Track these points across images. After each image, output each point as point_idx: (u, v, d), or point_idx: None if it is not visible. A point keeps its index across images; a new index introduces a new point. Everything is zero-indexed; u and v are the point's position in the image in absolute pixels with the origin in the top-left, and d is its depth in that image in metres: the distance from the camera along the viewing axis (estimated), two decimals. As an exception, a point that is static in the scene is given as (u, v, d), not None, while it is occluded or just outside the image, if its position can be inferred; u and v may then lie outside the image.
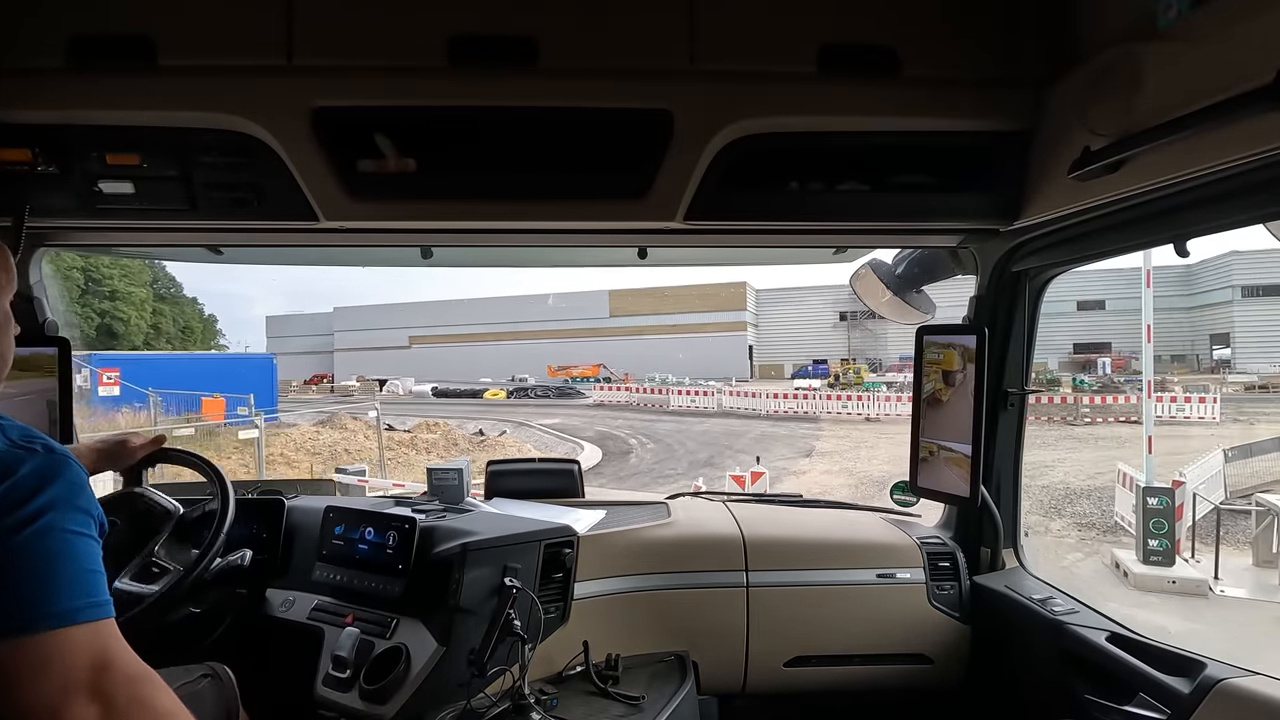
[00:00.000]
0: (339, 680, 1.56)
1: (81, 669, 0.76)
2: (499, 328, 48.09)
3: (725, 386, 25.74)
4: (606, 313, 47.36)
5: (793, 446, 15.28)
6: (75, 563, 0.79)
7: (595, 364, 40.59)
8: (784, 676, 1.97)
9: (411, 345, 50.58)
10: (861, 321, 44.89)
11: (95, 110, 1.35)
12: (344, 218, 1.46)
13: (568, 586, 1.82)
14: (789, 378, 39.57)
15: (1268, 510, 6.49)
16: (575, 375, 38.95)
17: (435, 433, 16.52)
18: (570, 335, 46.25)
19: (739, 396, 23.46)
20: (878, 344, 44.83)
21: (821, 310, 47.45)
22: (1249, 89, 0.93)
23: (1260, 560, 6.59)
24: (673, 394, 25.25)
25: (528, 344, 46.47)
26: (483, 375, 39.00)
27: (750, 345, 46.41)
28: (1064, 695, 1.61)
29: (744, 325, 45.82)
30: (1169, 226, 1.27)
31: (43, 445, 0.83)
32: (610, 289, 47.82)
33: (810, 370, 39.80)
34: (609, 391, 28.09)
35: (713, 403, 23.39)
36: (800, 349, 46.52)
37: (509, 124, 1.42)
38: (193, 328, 46.48)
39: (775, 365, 45.88)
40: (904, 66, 1.38)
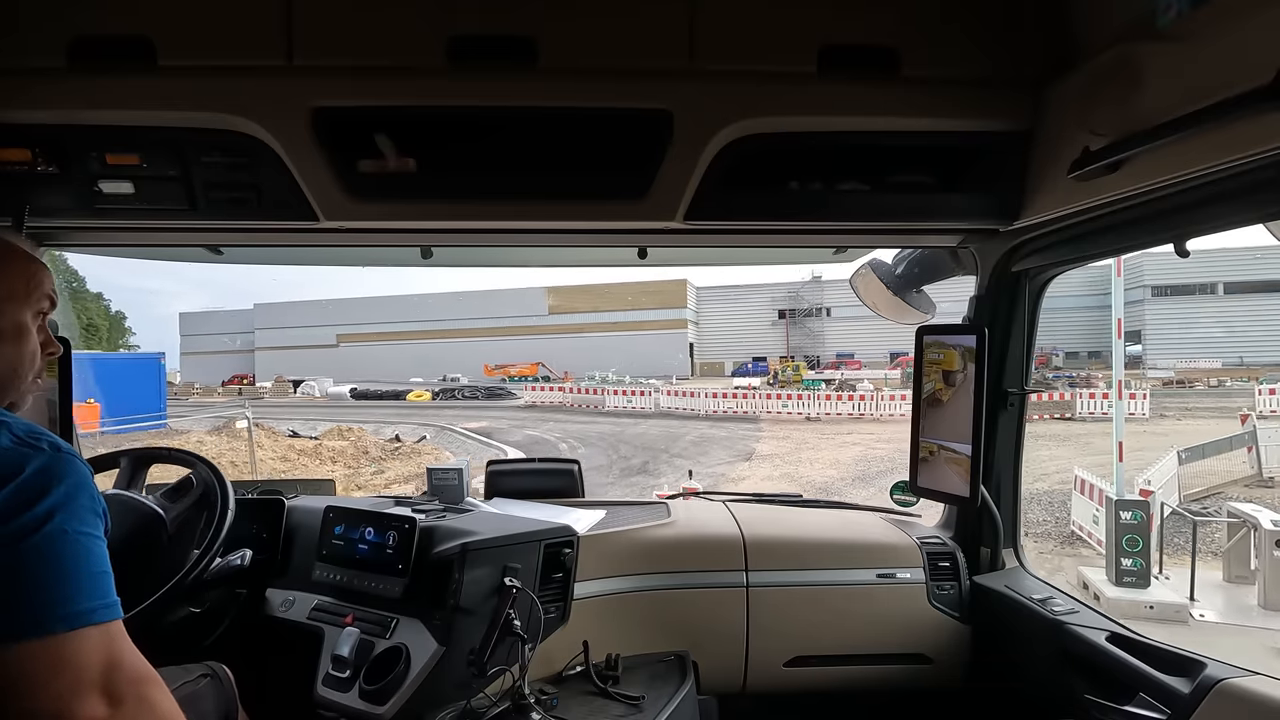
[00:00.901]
0: (339, 680, 1.56)
1: (93, 669, 0.76)
2: (433, 326, 46.95)
3: (663, 386, 24.79)
4: (545, 310, 46.36)
5: (731, 449, 14.60)
6: (86, 564, 0.80)
7: (534, 362, 39.86)
8: (784, 676, 1.97)
9: (340, 344, 48.83)
10: (800, 320, 45.45)
11: (95, 110, 1.35)
12: (344, 218, 1.46)
13: (568, 586, 1.82)
14: (729, 375, 39.26)
15: (1242, 522, 5.77)
16: (513, 374, 37.90)
17: (346, 440, 15.13)
18: (508, 333, 45.34)
19: (677, 396, 22.59)
20: (816, 341, 45.23)
21: (761, 308, 47.39)
22: (1249, 89, 0.93)
23: (1232, 575, 5.91)
24: (608, 394, 23.94)
25: (464, 343, 45.56)
26: (414, 375, 37.80)
27: (691, 343, 46.03)
28: (1064, 695, 1.61)
29: (685, 323, 45.45)
30: (1169, 226, 1.27)
31: (49, 443, 0.83)
32: (548, 286, 46.46)
33: (750, 368, 39.73)
34: (542, 392, 26.84)
35: (650, 403, 22.34)
36: (740, 347, 46.32)
37: (509, 124, 1.42)
38: (98, 326, 41.90)
39: (716, 363, 45.69)
40: (904, 66, 1.38)
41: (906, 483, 2.00)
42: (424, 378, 36.85)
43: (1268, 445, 9.49)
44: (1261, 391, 17.08)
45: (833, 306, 45.59)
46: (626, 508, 2.24)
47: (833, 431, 16.81)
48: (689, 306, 46.04)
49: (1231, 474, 9.44)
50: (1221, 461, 9.61)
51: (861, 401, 19.74)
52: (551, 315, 46.06)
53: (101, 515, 0.85)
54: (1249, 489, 9.10)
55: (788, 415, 19.73)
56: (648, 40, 1.37)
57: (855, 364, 37.48)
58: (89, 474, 0.85)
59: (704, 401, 21.25)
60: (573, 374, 36.00)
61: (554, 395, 26.07)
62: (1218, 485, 9.11)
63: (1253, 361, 31.55)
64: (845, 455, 13.27)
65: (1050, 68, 1.35)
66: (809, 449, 14.36)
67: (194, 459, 1.79)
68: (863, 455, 13.18)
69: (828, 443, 15.06)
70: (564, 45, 1.35)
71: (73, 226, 1.62)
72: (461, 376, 37.24)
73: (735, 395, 21.06)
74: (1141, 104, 1.12)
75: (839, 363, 38.66)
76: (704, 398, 21.38)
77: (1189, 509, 7.21)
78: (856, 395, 20.37)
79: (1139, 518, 5.58)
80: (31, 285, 0.97)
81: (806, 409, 19.90)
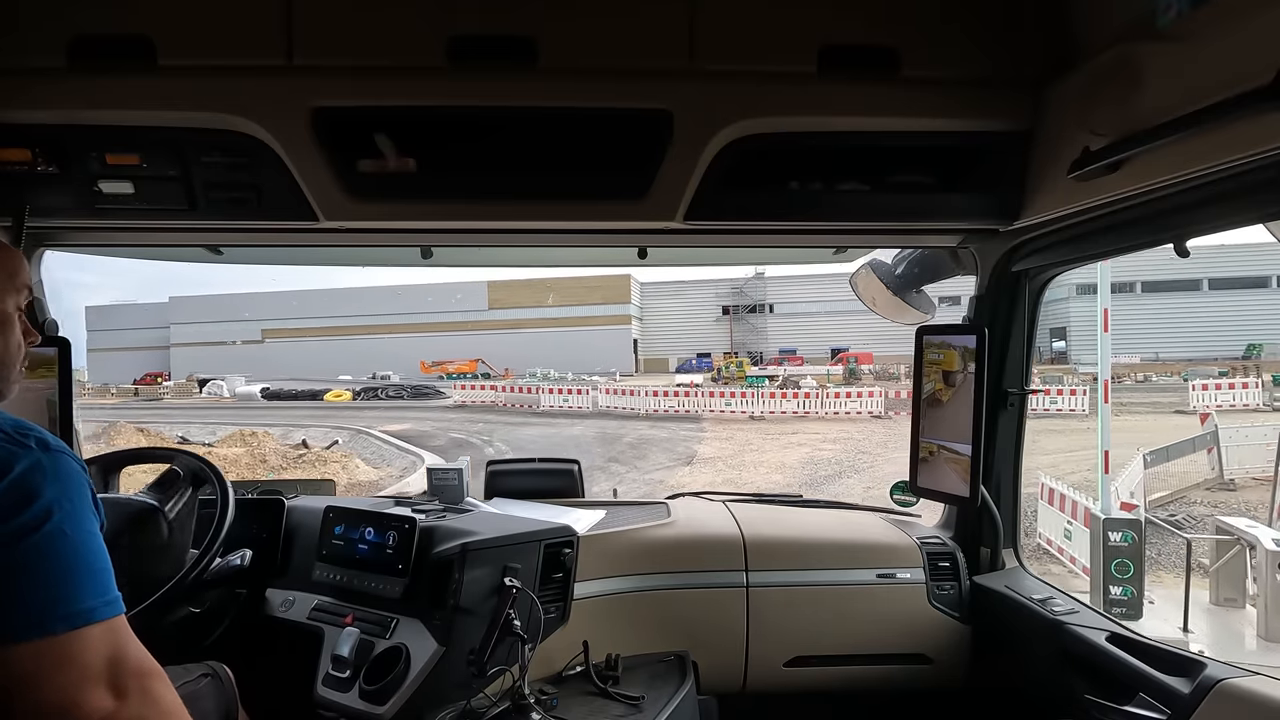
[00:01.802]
0: (339, 680, 1.56)
1: (97, 665, 0.77)
2: (368, 321, 44.65)
3: (602, 384, 23.64)
4: (485, 305, 44.68)
5: (672, 452, 13.88)
6: (86, 562, 0.80)
7: (473, 359, 38.57)
8: (784, 676, 1.97)
9: (265, 339, 46.29)
10: (743, 315, 45.27)
11: (95, 110, 1.35)
12: (344, 218, 1.46)
13: (568, 586, 1.82)
14: (674, 371, 38.99)
15: (1235, 539, 5.08)
16: (451, 371, 36.40)
17: (246, 445, 13.92)
18: (447, 329, 43.66)
19: (616, 395, 21.31)
20: (759, 337, 45.03)
21: (705, 304, 46.94)
22: (1249, 89, 0.93)
23: (1221, 598, 5.17)
24: (543, 393, 22.49)
25: (400, 339, 43.29)
26: (343, 373, 36.24)
27: (635, 339, 45.12)
28: (1064, 695, 1.61)
29: (629, 318, 44.47)
30: (1169, 226, 1.27)
31: (37, 440, 0.82)
32: (489, 280, 44.22)
33: (694, 364, 39.61)
34: (472, 391, 24.97)
35: (588, 402, 21.07)
36: (685, 342, 45.93)
37: (509, 124, 1.42)
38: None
39: (660, 359, 44.98)
40: (904, 67, 1.38)
41: (906, 483, 2.00)
42: (353, 375, 35.11)
43: (1229, 446, 9.14)
44: (1194, 387, 16.81)
45: (775, 303, 45.49)
46: (626, 508, 2.24)
47: (777, 431, 16.29)
48: (633, 302, 45.11)
49: (1191, 476, 9.09)
50: (1181, 463, 9.23)
51: (806, 399, 19.26)
52: (492, 310, 44.57)
53: (97, 510, 0.85)
54: (1211, 492, 8.84)
55: (731, 414, 19.13)
56: (648, 40, 1.37)
57: (798, 360, 37.37)
58: (81, 469, 0.85)
59: (644, 400, 20.27)
60: (514, 371, 35.14)
61: (486, 394, 24.45)
62: (1181, 490, 8.80)
63: (1167, 357, 32.50)
64: (791, 457, 12.85)
65: (1050, 68, 1.35)
66: (753, 450, 13.79)
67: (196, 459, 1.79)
68: (809, 457, 12.77)
69: (772, 444, 14.46)
70: (564, 45, 1.35)
71: (73, 226, 1.62)
72: (393, 374, 35.69)
73: (677, 393, 20.30)
74: (1141, 104, 1.12)
75: (782, 358, 38.43)
76: (644, 396, 20.40)
77: (1158, 517, 6.99)
78: (801, 393, 19.87)
79: (1130, 540, 4.98)
80: (10, 275, 0.97)
81: (750, 408, 19.29)
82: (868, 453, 13.14)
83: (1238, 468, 9.06)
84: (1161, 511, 7.66)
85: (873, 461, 12.25)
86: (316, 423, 19.23)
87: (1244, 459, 9.14)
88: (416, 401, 26.49)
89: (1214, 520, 5.92)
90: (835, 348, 38.68)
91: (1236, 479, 9.01)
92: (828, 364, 33.62)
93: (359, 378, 34.17)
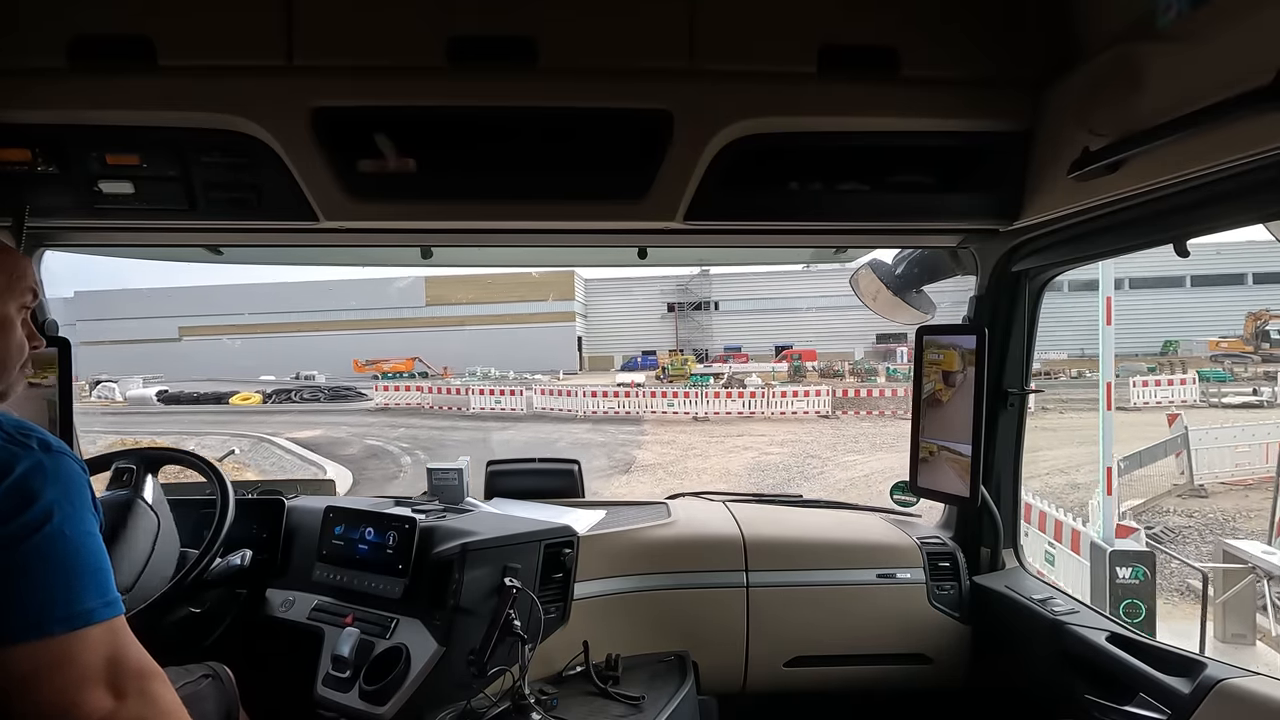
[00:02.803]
0: (339, 680, 1.56)
1: (96, 666, 0.77)
2: (297, 318, 41.03)
3: (537, 385, 21.80)
4: (423, 301, 41.55)
5: (610, 458, 13.09)
6: (86, 563, 0.80)
7: (410, 357, 36.31)
8: (784, 676, 1.97)
9: (182, 337, 42.87)
10: (688, 313, 44.60)
11: (95, 110, 1.35)
12: (344, 218, 1.46)
13: (568, 586, 1.82)
14: (619, 369, 37.86)
15: (1250, 567, 4.55)
16: (386, 370, 34.29)
17: None
18: (383, 326, 41.24)
19: (552, 395, 19.93)
20: (704, 335, 44.33)
21: (650, 301, 45.89)
22: (1249, 89, 0.93)
23: (1229, 635, 4.59)
24: (474, 394, 20.64)
25: (332, 336, 40.10)
26: (266, 373, 33.77)
27: (580, 336, 43.42)
28: (1064, 695, 1.61)
29: (573, 315, 42.85)
30: (1169, 226, 1.27)
31: (38, 441, 0.82)
32: (427, 275, 41.05)
33: (639, 362, 38.75)
34: (396, 392, 22.72)
35: (522, 403, 19.61)
36: (630, 340, 44.58)
37: (509, 124, 1.42)
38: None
39: (605, 357, 43.28)
40: (904, 67, 1.38)
41: (906, 483, 2.00)
42: (277, 376, 32.51)
43: (1199, 449, 8.67)
44: (1135, 384, 16.61)
45: (720, 300, 44.79)
46: (626, 508, 2.24)
47: (722, 434, 15.47)
48: (577, 298, 43.50)
49: (1158, 482, 8.65)
50: (1165, 466, 8.87)
51: (752, 399, 18.37)
52: (430, 307, 41.55)
53: (96, 511, 0.85)
54: (1183, 499, 8.42)
55: (674, 415, 18.22)
56: (647, 40, 1.37)
57: (742, 357, 36.96)
58: (81, 470, 0.85)
59: (582, 401, 19.00)
60: (453, 370, 33.76)
61: (411, 396, 22.20)
62: (1154, 498, 8.35)
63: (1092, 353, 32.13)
64: (737, 463, 12.20)
65: (1050, 68, 1.35)
66: (696, 456, 13.04)
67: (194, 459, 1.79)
68: (755, 463, 12.09)
69: (717, 448, 13.73)
70: (564, 45, 1.35)
71: (73, 226, 1.62)
72: (318, 374, 32.76)
73: (616, 394, 19.09)
74: (1141, 104, 1.12)
75: (727, 355, 37.89)
76: (582, 397, 19.11)
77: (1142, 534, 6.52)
78: (746, 393, 18.91)
79: (1143, 576, 4.25)
80: (14, 278, 0.97)
81: (694, 408, 18.41)
82: (817, 456, 12.62)
83: (1206, 472, 8.61)
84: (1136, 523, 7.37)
85: (823, 466, 11.71)
86: (217, 430, 17.32)
87: (1213, 463, 8.71)
88: (334, 404, 24.00)
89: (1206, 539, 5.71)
90: (780, 345, 38.35)
91: (1206, 484, 8.58)
92: (772, 361, 33.35)
93: (282, 378, 31.59)
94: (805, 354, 33.01)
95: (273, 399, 25.39)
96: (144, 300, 43.52)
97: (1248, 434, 8.98)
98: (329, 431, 16.83)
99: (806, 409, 18.17)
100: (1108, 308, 5.40)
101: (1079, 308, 38.47)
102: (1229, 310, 29.69)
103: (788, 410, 18.02)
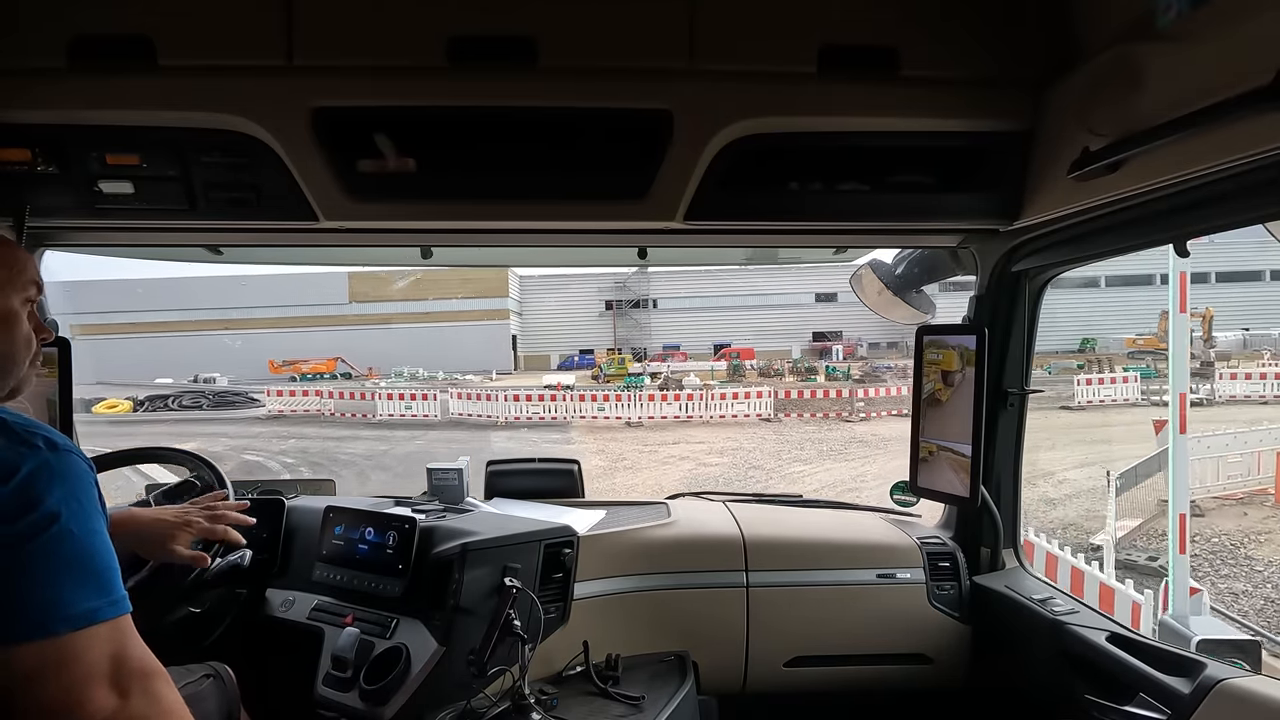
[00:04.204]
0: (339, 680, 1.56)
1: (101, 664, 0.77)
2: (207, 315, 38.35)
3: (454, 389, 19.76)
4: (345, 298, 39.63)
5: None
6: (91, 562, 0.80)
7: (332, 358, 34.53)
8: (784, 676, 1.97)
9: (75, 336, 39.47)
10: (626, 310, 43.91)
11: (95, 110, 1.35)
12: (344, 218, 1.46)
13: (568, 586, 1.82)
14: (556, 369, 37.05)
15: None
16: (305, 371, 32.38)
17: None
18: (304, 324, 38.42)
19: (470, 400, 18.14)
20: (642, 333, 43.67)
21: (587, 298, 44.86)
22: (1249, 89, 0.93)
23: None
24: (380, 399, 18.68)
25: (246, 334, 37.36)
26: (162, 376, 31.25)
27: (514, 335, 42.19)
28: (1064, 695, 1.61)
29: (507, 313, 41.53)
30: (1169, 226, 1.27)
31: (44, 440, 0.82)
32: (350, 270, 37.74)
33: (577, 361, 38.18)
34: (292, 398, 20.47)
35: (436, 408, 17.93)
36: (567, 339, 43.61)
37: (509, 124, 1.42)
38: None
39: (541, 356, 42.11)
40: (904, 66, 1.38)
41: (906, 483, 2.00)
42: (175, 379, 30.05)
43: (1192, 459, 6.91)
44: (1079, 381, 16.21)
45: (659, 297, 44.18)
46: (626, 508, 2.24)
47: (656, 441, 14.13)
48: (511, 296, 42.17)
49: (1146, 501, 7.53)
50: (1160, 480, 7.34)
51: (689, 402, 17.20)
52: (354, 304, 39.72)
53: (103, 509, 0.85)
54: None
55: (605, 420, 16.72)
56: (647, 40, 1.37)
57: (681, 355, 36.56)
58: (88, 468, 0.85)
59: (503, 406, 17.31)
60: (379, 370, 32.66)
61: (309, 401, 20.08)
62: (1149, 519, 7.27)
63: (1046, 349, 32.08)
64: (670, 477, 10.79)
65: (1050, 68, 1.35)
66: (625, 469, 11.55)
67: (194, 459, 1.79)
68: (692, 475, 10.90)
69: (650, 458, 12.26)
70: (564, 45, 1.35)
71: (73, 226, 1.62)
72: (220, 376, 30.32)
73: (541, 397, 17.45)
74: (1141, 104, 1.12)
75: (665, 354, 37.30)
76: (503, 401, 17.42)
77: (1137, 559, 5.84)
78: (683, 394, 17.71)
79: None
80: (15, 271, 0.97)
81: (627, 412, 16.91)
82: (760, 467, 11.50)
83: (1198, 485, 7.33)
84: (1138, 551, 6.37)
85: (767, 478, 10.71)
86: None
87: (1204, 475, 7.55)
88: (220, 412, 21.46)
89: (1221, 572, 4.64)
90: (718, 343, 38.21)
91: (1198, 500, 7.38)
92: (711, 359, 33.10)
93: (180, 381, 29.28)
94: (743, 352, 32.87)
95: (146, 406, 23.19)
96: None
97: (1239, 441, 7.92)
98: (205, 444, 14.06)
99: (747, 412, 17.05)
100: (1181, 289, 4.02)
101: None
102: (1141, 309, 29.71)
103: (728, 414, 16.97)
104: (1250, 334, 27.62)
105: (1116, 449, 10.57)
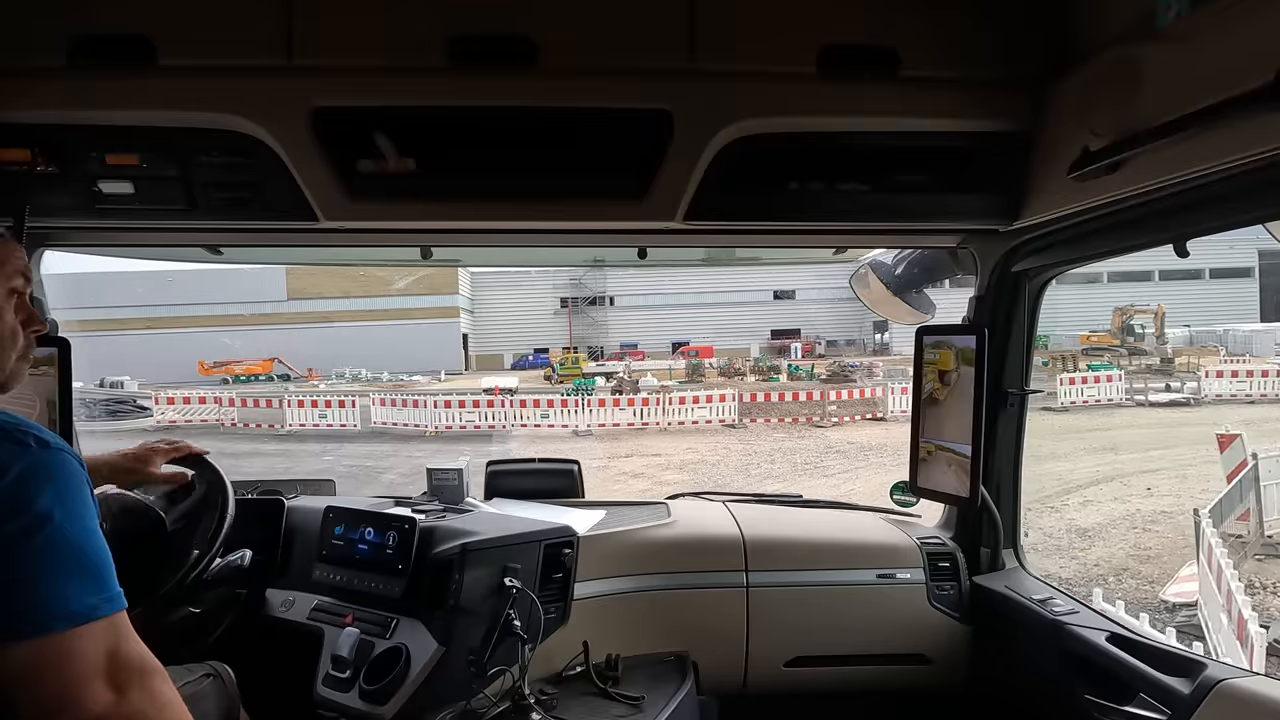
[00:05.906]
0: (339, 680, 1.56)
1: (98, 660, 0.77)
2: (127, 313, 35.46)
3: (375, 395, 17.61)
4: (284, 295, 37.22)
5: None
6: (86, 560, 0.80)
7: (268, 358, 32.10)
8: (784, 677, 1.97)
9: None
10: (583, 308, 42.79)
11: (95, 110, 1.35)
12: (344, 218, 1.46)
13: (568, 587, 1.82)
14: (509, 368, 35.95)
15: None
16: (240, 373, 30.70)
17: None
18: (238, 322, 36.36)
19: (396, 407, 16.15)
20: (599, 331, 42.51)
21: (542, 296, 43.29)
22: (1249, 89, 0.93)
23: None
24: (290, 406, 16.28)
25: (172, 334, 34.93)
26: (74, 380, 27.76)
27: (465, 333, 39.85)
28: (1064, 695, 1.61)
29: (457, 311, 39.21)
30: (1169, 227, 1.28)
31: (35, 439, 0.81)
32: (288, 266, 34.21)
33: (531, 360, 36.78)
34: (187, 406, 17.76)
35: (355, 416, 15.94)
36: (522, 337, 41.88)
37: (509, 124, 1.42)
38: None
39: (494, 355, 40.37)
40: (904, 67, 1.38)
41: (906, 483, 2.00)
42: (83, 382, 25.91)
43: (1268, 484, 6.16)
44: (1063, 381, 15.42)
45: (615, 295, 42.89)
46: (626, 508, 2.24)
47: (607, 453, 12.67)
48: (462, 293, 40.15)
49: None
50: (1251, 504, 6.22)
51: (644, 408, 15.54)
52: (292, 301, 37.26)
53: (96, 506, 0.85)
54: (1261, 563, 5.97)
55: (549, 429, 15.08)
56: (647, 40, 1.37)
57: (639, 354, 35.57)
58: (81, 467, 0.84)
59: (432, 413, 15.47)
60: (320, 371, 31.03)
61: (205, 410, 17.54)
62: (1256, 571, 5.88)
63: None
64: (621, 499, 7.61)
65: (1050, 68, 1.35)
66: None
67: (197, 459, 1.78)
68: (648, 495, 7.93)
69: (597, 476, 10.39)
70: (564, 45, 1.35)
71: (72, 226, 1.62)
72: (127, 379, 27.21)
73: (477, 403, 15.81)
74: (1141, 104, 1.12)
75: (623, 353, 36.18)
76: (432, 408, 15.59)
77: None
78: (638, 399, 16.08)
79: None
80: (1, 261, 0.95)
81: (574, 420, 15.28)
82: (726, 487, 9.50)
83: (1277, 518, 6.20)
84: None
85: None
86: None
87: (1275, 503, 6.22)
88: (106, 423, 18.38)
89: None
90: (676, 341, 37.62)
91: (1276, 535, 6.23)
92: (669, 358, 32.37)
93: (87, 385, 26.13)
94: (702, 350, 32.31)
95: (24, 416, 20.43)
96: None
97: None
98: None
99: (710, 417, 15.44)
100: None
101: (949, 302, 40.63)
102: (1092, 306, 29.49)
103: (687, 419, 15.38)
104: (1194, 330, 27.92)
105: (1125, 458, 9.87)
